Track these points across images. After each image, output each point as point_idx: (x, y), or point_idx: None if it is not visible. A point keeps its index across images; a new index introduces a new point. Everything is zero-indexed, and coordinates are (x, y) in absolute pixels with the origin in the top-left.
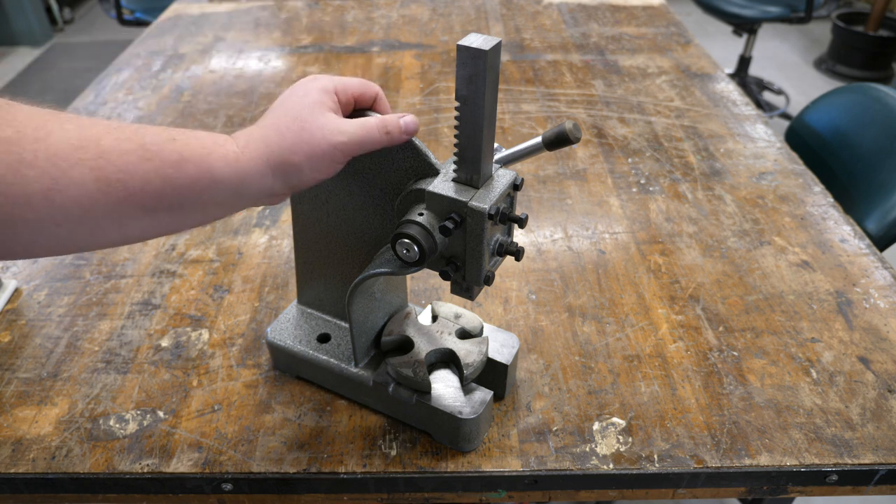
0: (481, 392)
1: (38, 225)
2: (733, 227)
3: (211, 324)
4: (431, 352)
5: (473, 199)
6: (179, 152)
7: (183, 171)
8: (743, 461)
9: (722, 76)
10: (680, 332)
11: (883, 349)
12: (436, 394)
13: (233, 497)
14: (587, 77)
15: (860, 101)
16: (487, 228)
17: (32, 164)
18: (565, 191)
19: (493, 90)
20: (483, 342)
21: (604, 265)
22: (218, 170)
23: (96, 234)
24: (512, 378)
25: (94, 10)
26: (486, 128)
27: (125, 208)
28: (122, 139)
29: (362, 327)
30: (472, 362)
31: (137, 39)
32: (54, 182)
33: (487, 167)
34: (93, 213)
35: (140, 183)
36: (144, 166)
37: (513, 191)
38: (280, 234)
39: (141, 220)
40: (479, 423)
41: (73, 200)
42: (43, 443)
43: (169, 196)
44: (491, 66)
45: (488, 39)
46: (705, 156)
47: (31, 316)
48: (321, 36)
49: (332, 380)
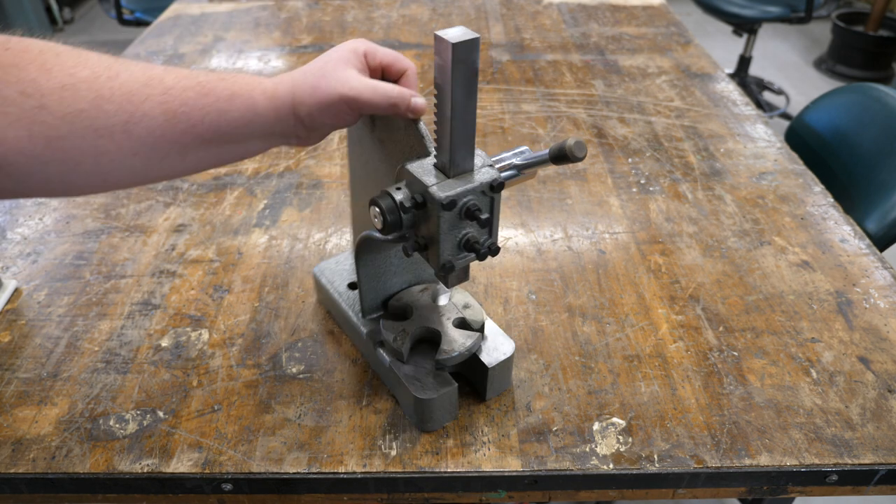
0: (447, 381)
1: (119, 156)
2: (733, 227)
3: (211, 324)
4: (420, 328)
5: (435, 186)
6: (230, 88)
7: (234, 105)
8: (743, 461)
9: (722, 76)
10: (680, 332)
11: (883, 349)
12: (407, 366)
13: (233, 497)
14: (587, 77)
15: (860, 101)
16: (443, 217)
17: (110, 100)
18: (565, 191)
19: (466, 84)
20: (472, 337)
21: (604, 265)
22: (260, 104)
23: (164, 165)
24: (501, 383)
25: (94, 10)
26: (457, 119)
27: (187, 139)
28: (181, 77)
29: (373, 284)
30: (450, 351)
31: (137, 39)
32: (130, 116)
33: (462, 159)
34: (162, 144)
35: (200, 115)
36: (202, 101)
37: (489, 191)
38: (280, 234)
39: (198, 152)
40: (434, 408)
41: (146, 131)
42: (43, 443)
43: (223, 128)
44: (460, 59)
45: (465, 34)
46: (705, 156)
47: (31, 316)
48: (321, 36)
49: (344, 324)
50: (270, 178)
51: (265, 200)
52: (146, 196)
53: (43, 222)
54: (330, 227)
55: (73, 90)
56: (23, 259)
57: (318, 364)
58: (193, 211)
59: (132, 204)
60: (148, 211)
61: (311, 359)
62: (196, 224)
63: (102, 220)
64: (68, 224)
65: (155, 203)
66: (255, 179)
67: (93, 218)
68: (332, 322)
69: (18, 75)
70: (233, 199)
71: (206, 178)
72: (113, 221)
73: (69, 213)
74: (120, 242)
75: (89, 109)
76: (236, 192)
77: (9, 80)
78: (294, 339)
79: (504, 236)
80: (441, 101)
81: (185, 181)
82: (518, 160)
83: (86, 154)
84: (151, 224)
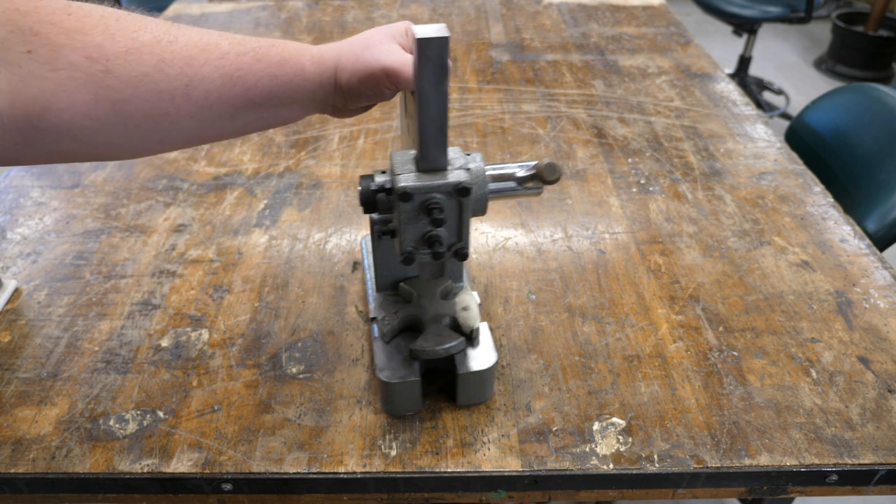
0: (413, 372)
1: (178, 118)
2: (733, 227)
3: (211, 324)
4: (410, 315)
5: (401, 176)
6: (281, 54)
7: (284, 71)
8: (743, 461)
9: (722, 76)
10: (680, 332)
11: (883, 349)
12: (388, 346)
13: (233, 497)
14: (587, 77)
15: (860, 101)
16: (401, 207)
17: (172, 63)
18: (565, 191)
19: (436, 81)
20: (454, 339)
21: (604, 265)
22: (308, 69)
23: (215, 127)
24: (476, 393)
25: None
26: (425, 115)
27: (241, 102)
28: (236, 43)
29: (386, 262)
30: (423, 345)
31: None
32: (190, 79)
33: (433, 156)
34: (217, 108)
35: (254, 80)
36: (257, 66)
37: (455, 193)
38: (280, 234)
39: (248, 114)
40: (392, 392)
41: (204, 95)
42: (43, 443)
43: (274, 92)
44: (428, 56)
45: (438, 31)
46: (705, 156)
47: (31, 316)
48: (321, 36)
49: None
50: (270, 178)
51: (265, 200)
52: (146, 196)
53: (43, 222)
54: (330, 228)
55: (137, 54)
56: (23, 259)
57: (318, 364)
58: (193, 211)
59: (132, 204)
60: (148, 211)
61: (311, 359)
62: (196, 224)
63: (102, 220)
64: (68, 224)
65: (155, 203)
66: (255, 179)
67: (93, 218)
68: (333, 322)
69: (83, 40)
70: (233, 199)
71: (206, 178)
72: (113, 221)
73: (69, 213)
74: (120, 242)
75: (152, 73)
76: (236, 192)
77: (74, 45)
78: (294, 339)
79: (504, 236)
80: (416, 94)
81: (186, 181)
82: (521, 172)
83: (148, 117)
84: (151, 224)
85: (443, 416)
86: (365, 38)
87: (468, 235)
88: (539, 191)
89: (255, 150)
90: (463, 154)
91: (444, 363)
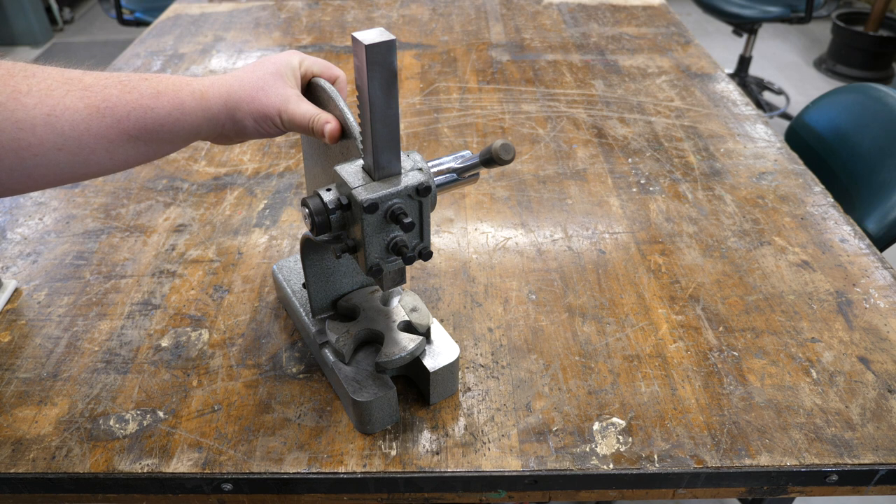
0: (387, 384)
1: (42, 150)
2: (733, 227)
3: (211, 324)
4: (364, 329)
5: (360, 188)
6: (154, 87)
7: (160, 103)
8: (743, 461)
9: (722, 76)
10: (680, 332)
11: (883, 349)
12: (348, 367)
13: (233, 497)
14: (587, 77)
15: (860, 101)
16: (366, 220)
17: (29, 94)
18: (565, 191)
19: (384, 86)
20: (415, 340)
21: (604, 265)
22: (187, 103)
23: (91, 161)
24: (445, 388)
25: (94, 10)
26: (377, 122)
27: (113, 135)
28: (101, 78)
29: (321, 284)
30: (391, 354)
31: (137, 39)
32: (52, 109)
33: (387, 161)
34: (87, 139)
35: (125, 111)
36: (126, 97)
37: (416, 194)
38: (280, 234)
39: (126, 148)
40: (372, 409)
41: (70, 125)
42: (43, 443)
43: (150, 125)
44: (375, 61)
45: (381, 35)
46: (705, 156)
47: (31, 316)
48: (321, 36)
49: (297, 323)
50: (270, 178)
51: (265, 200)
52: (146, 196)
53: (43, 222)
54: None
55: None
56: (23, 259)
57: (318, 364)
58: (193, 211)
59: (132, 204)
60: (148, 211)
61: (311, 359)
62: (196, 224)
63: (102, 220)
64: (68, 224)
65: (155, 203)
66: (255, 179)
67: (93, 218)
68: None
69: None
70: (233, 199)
71: (206, 178)
72: (113, 221)
73: (69, 213)
74: (120, 242)
75: (6, 102)
76: (236, 192)
77: None
78: (294, 339)
79: (504, 236)
80: (361, 103)
81: (186, 181)
82: (456, 164)
83: (7, 149)
84: (151, 224)
85: (443, 415)
86: (258, 78)
87: (430, 234)
88: (476, 178)
89: (256, 150)
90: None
91: (408, 367)
